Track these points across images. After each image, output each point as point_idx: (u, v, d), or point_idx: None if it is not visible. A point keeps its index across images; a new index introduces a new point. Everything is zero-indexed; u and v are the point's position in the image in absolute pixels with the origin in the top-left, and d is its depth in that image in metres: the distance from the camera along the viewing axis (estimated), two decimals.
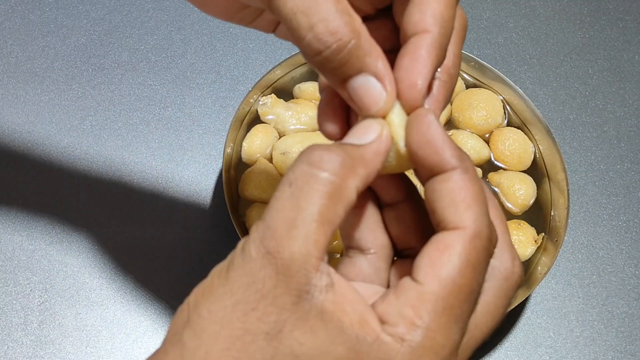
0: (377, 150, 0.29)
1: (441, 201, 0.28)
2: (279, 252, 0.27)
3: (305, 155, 0.29)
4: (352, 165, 0.28)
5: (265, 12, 0.37)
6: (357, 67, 0.29)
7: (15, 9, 0.72)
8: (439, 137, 0.29)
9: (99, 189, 0.63)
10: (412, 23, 0.30)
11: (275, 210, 0.28)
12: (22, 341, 0.56)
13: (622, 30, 0.78)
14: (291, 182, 0.28)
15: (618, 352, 0.60)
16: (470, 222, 0.28)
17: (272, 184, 0.60)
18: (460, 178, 0.28)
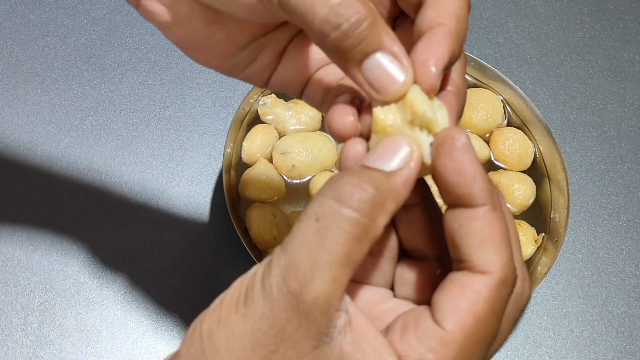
0: (407, 179, 0.28)
1: (468, 240, 0.27)
2: (302, 294, 0.26)
3: (334, 189, 0.27)
4: (382, 203, 0.27)
5: (260, 56, 0.35)
6: (374, 45, 0.28)
7: (15, 9, 0.72)
8: (471, 167, 0.27)
9: (99, 189, 0.63)
10: (426, 20, 0.30)
11: (300, 245, 0.26)
12: (22, 341, 0.56)
13: (622, 30, 0.78)
14: (318, 218, 0.26)
15: (618, 352, 0.60)
16: (498, 267, 0.27)
17: (272, 184, 0.60)
18: (490, 218, 0.27)
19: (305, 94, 0.36)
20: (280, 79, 0.36)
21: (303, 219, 0.27)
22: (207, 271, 0.60)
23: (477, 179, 0.27)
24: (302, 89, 0.36)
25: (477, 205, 0.27)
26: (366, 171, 0.27)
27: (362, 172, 0.27)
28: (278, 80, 0.36)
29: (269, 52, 0.36)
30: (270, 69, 0.36)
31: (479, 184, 0.27)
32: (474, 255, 0.27)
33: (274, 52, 0.36)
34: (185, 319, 0.58)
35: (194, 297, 0.59)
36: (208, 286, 0.60)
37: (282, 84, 0.36)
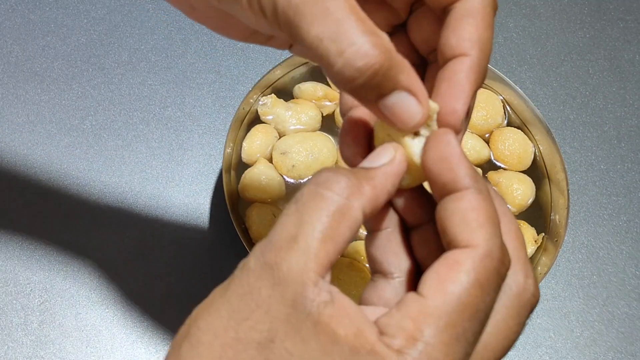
0: (387, 172, 0.29)
1: (452, 219, 0.28)
2: (277, 263, 0.27)
3: (314, 177, 0.28)
4: (357, 186, 0.28)
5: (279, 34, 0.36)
6: (390, 86, 0.29)
7: (16, 9, 0.72)
8: (455, 155, 0.29)
9: (99, 189, 0.63)
10: (449, 46, 0.30)
11: (279, 225, 0.28)
12: (22, 341, 0.56)
13: (622, 30, 0.78)
14: (297, 200, 0.28)
15: (618, 352, 0.60)
16: (481, 240, 0.27)
17: (272, 184, 0.60)
18: (474, 197, 0.28)
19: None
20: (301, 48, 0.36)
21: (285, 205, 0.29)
22: (207, 271, 0.60)
23: (461, 165, 0.28)
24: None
25: (462, 189, 0.28)
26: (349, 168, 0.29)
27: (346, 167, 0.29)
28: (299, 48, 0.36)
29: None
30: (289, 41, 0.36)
31: (463, 169, 0.28)
32: (457, 231, 0.28)
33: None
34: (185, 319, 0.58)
35: (194, 297, 0.59)
36: (208, 286, 0.59)
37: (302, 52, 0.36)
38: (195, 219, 0.63)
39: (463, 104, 0.30)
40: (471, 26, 0.30)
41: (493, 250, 0.27)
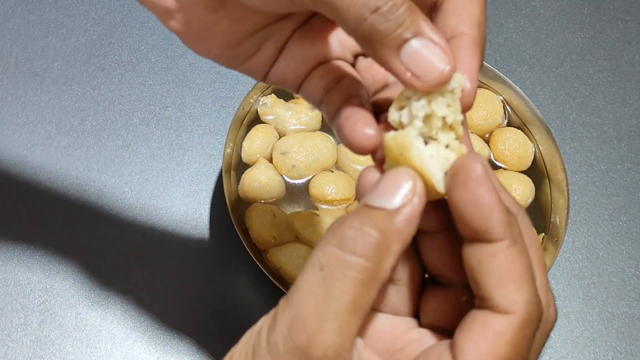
0: (411, 216, 0.26)
1: (488, 277, 0.26)
2: (309, 347, 0.25)
3: (336, 235, 0.26)
4: (386, 245, 0.26)
5: (263, 48, 0.34)
6: (413, 30, 0.26)
7: (15, 9, 0.72)
8: (488, 199, 0.26)
9: (99, 189, 0.63)
10: (449, 27, 0.29)
11: (305, 296, 0.26)
12: (22, 341, 0.56)
13: (622, 30, 0.78)
14: (322, 266, 0.25)
15: (618, 352, 0.60)
16: (520, 306, 0.26)
17: (272, 184, 0.60)
18: (510, 253, 0.26)
19: (303, 88, 0.35)
20: (280, 72, 0.35)
21: (307, 268, 0.26)
22: (207, 271, 0.60)
23: (495, 212, 0.26)
24: (300, 84, 0.35)
25: (496, 240, 0.26)
26: (368, 212, 0.26)
27: (364, 213, 0.26)
28: (277, 73, 0.35)
29: (271, 44, 0.34)
30: (271, 61, 0.35)
31: (497, 217, 0.26)
32: (495, 294, 0.26)
33: (276, 45, 0.35)
34: (185, 319, 0.58)
35: (193, 297, 0.59)
36: (208, 286, 0.60)
37: (280, 78, 0.35)
38: (195, 219, 0.63)
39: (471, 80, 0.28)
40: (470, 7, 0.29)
41: (533, 316, 0.26)
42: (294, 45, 0.35)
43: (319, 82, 0.34)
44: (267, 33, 0.34)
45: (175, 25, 0.34)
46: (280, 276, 0.57)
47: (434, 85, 0.27)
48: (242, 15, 0.33)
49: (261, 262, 0.55)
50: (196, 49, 0.35)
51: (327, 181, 0.60)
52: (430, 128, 0.28)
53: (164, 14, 0.33)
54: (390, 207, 0.26)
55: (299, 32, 0.35)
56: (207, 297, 0.59)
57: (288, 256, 0.57)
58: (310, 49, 0.34)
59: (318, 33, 0.34)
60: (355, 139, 0.29)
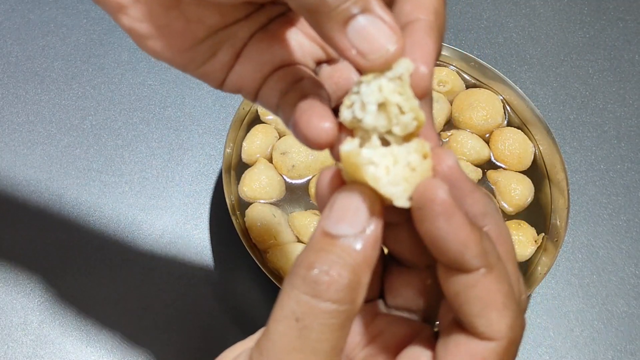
0: (375, 240, 0.25)
1: (469, 307, 0.26)
2: None
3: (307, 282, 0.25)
4: (358, 281, 0.25)
5: (219, 53, 0.33)
6: (361, 5, 0.25)
7: (15, 9, 0.72)
8: (459, 234, 0.25)
9: (99, 189, 0.63)
10: (404, 13, 0.28)
11: (283, 352, 0.25)
12: (22, 340, 0.56)
13: (622, 30, 0.78)
14: (298, 318, 0.25)
15: (618, 351, 0.60)
16: (504, 333, 0.26)
17: (272, 184, 0.60)
18: (487, 281, 0.25)
19: (260, 95, 0.34)
20: (237, 78, 0.34)
21: (280, 319, 0.25)
22: (207, 271, 0.60)
23: (468, 245, 0.25)
24: (257, 91, 0.34)
25: (472, 270, 0.25)
26: (332, 247, 0.25)
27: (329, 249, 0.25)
28: (234, 80, 0.34)
29: (228, 49, 0.33)
30: (228, 67, 0.34)
31: (471, 250, 0.25)
32: (477, 323, 0.26)
33: (233, 49, 0.33)
34: (184, 319, 0.58)
35: (193, 297, 0.59)
36: (208, 286, 0.60)
37: (237, 84, 0.34)
38: (195, 219, 0.63)
39: (428, 62, 0.27)
40: None
41: (516, 337, 0.26)
42: (251, 50, 0.33)
43: (276, 86, 0.33)
44: (224, 36, 0.33)
45: (127, 22, 0.32)
46: (280, 276, 0.57)
47: (380, 63, 0.26)
48: (197, 16, 0.32)
49: (261, 262, 0.55)
50: (149, 50, 0.33)
51: None
52: (389, 121, 0.26)
53: (116, 9, 0.32)
54: (350, 233, 0.25)
55: (256, 37, 0.33)
56: (207, 297, 0.59)
57: (288, 256, 0.57)
58: (268, 53, 0.33)
59: (276, 37, 0.33)
60: (310, 133, 0.28)
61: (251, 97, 0.34)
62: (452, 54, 0.67)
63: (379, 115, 0.26)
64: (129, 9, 0.32)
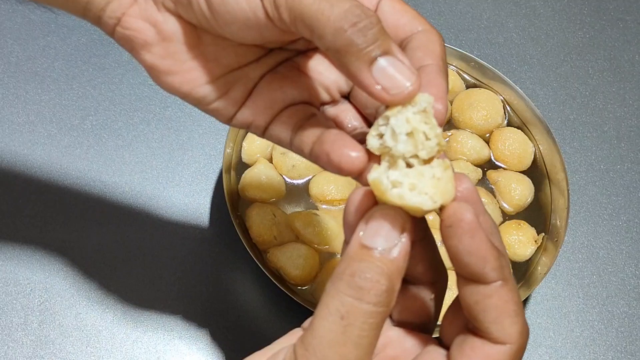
0: (405, 252, 0.29)
1: (485, 315, 0.29)
2: None
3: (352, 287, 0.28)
4: (393, 287, 0.29)
5: (231, 90, 0.36)
6: (385, 47, 0.29)
7: (16, 9, 0.72)
8: (481, 249, 0.29)
9: (99, 189, 0.63)
10: (415, 59, 0.32)
11: (328, 345, 0.28)
12: (22, 341, 0.56)
13: (622, 30, 0.78)
14: (343, 316, 0.28)
15: (618, 352, 0.60)
16: (515, 338, 0.29)
17: (272, 184, 0.60)
18: (503, 292, 0.29)
19: (270, 130, 0.37)
20: (247, 114, 0.37)
21: (326, 316, 0.28)
22: (207, 271, 0.60)
23: (488, 259, 0.29)
24: (266, 127, 0.37)
25: (490, 282, 0.29)
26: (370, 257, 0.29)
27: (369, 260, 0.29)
28: (244, 116, 0.37)
29: (240, 87, 0.36)
30: (238, 104, 0.37)
31: (491, 264, 0.29)
32: (492, 329, 0.29)
33: (245, 87, 0.36)
34: (185, 319, 0.58)
35: (193, 297, 0.59)
36: (208, 286, 0.60)
37: (247, 121, 0.37)
38: (195, 219, 0.63)
39: (443, 99, 0.31)
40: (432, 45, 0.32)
41: (524, 344, 0.30)
42: (262, 89, 0.36)
43: (288, 121, 0.36)
44: (237, 76, 0.36)
45: (150, 59, 0.35)
46: (280, 276, 0.57)
47: (402, 98, 0.29)
48: (215, 55, 0.35)
49: (261, 262, 0.55)
50: (166, 86, 0.36)
51: (327, 181, 0.60)
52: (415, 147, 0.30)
53: (142, 46, 0.35)
54: (386, 247, 0.29)
55: (266, 78, 0.37)
56: (207, 297, 0.59)
57: (288, 256, 0.57)
58: (278, 92, 0.36)
59: (287, 78, 0.37)
60: (344, 162, 0.32)
61: (259, 133, 0.37)
62: (452, 54, 0.67)
63: (408, 142, 0.30)
64: (153, 46, 0.35)
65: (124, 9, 0.34)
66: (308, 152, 0.35)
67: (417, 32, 0.33)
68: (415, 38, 0.33)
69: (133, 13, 0.34)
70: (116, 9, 0.34)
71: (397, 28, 0.33)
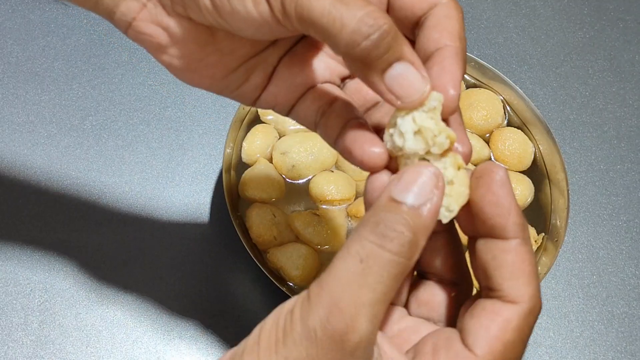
0: (434, 212, 0.29)
1: (501, 271, 0.29)
2: (347, 334, 0.27)
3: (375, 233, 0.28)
4: (417, 242, 0.28)
5: (252, 77, 0.37)
6: (397, 54, 0.30)
7: (16, 9, 0.72)
8: (507, 201, 0.29)
9: (99, 189, 0.63)
10: (433, 40, 0.32)
11: (344, 284, 0.28)
12: (22, 341, 0.56)
13: (622, 30, 0.78)
14: (362, 259, 0.28)
15: (618, 352, 0.60)
16: (527, 298, 0.29)
17: (272, 184, 0.60)
18: (522, 251, 0.29)
19: (295, 112, 0.38)
20: (270, 97, 0.37)
21: (345, 257, 0.28)
22: (207, 271, 0.60)
23: (512, 213, 0.29)
24: (290, 109, 0.38)
25: (510, 238, 0.29)
26: (398, 209, 0.29)
27: (396, 211, 0.29)
28: (267, 99, 0.38)
29: (259, 73, 0.37)
30: (261, 88, 0.37)
31: (514, 217, 0.29)
32: (505, 285, 0.29)
33: (264, 73, 0.37)
34: (185, 319, 0.58)
35: (194, 297, 0.59)
36: (208, 286, 0.60)
37: (270, 103, 0.38)
38: (195, 219, 0.63)
39: (456, 87, 0.31)
40: (450, 23, 0.32)
41: (536, 307, 0.30)
42: (282, 72, 0.37)
43: (312, 106, 0.37)
44: (255, 63, 0.36)
45: (167, 60, 0.36)
46: (280, 276, 0.57)
47: (412, 103, 0.30)
48: (230, 48, 0.35)
49: (261, 262, 0.55)
50: (187, 81, 0.37)
51: (327, 181, 0.60)
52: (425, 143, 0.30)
53: (156, 49, 0.36)
54: (417, 202, 0.29)
55: (286, 59, 0.37)
56: (207, 297, 0.59)
57: (288, 256, 0.57)
58: (300, 75, 0.37)
59: (305, 59, 0.37)
60: (366, 159, 0.32)
61: (285, 113, 0.38)
62: None
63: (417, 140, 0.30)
64: (167, 48, 0.35)
65: (134, 13, 0.34)
66: (332, 144, 0.35)
67: (435, 6, 0.32)
68: (433, 14, 0.32)
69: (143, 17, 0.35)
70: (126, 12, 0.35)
71: (414, 3, 0.32)
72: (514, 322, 0.29)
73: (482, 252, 0.30)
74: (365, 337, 0.27)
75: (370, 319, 0.27)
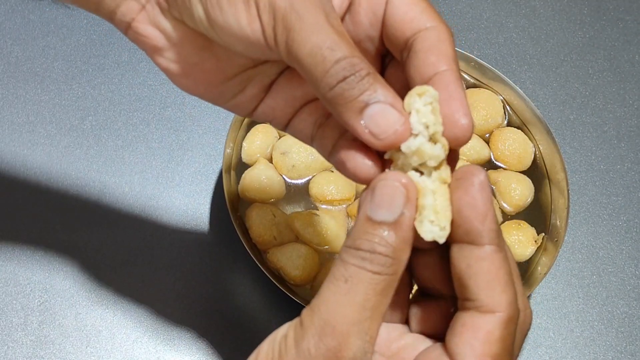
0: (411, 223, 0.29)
1: (476, 279, 0.29)
2: (340, 351, 0.28)
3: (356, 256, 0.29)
4: (399, 257, 0.29)
5: (248, 87, 0.36)
6: (373, 95, 0.30)
7: (16, 9, 0.72)
8: (484, 205, 0.29)
9: (99, 189, 0.63)
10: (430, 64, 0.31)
11: (333, 305, 0.29)
12: (22, 341, 0.56)
13: (622, 30, 0.78)
14: (346, 279, 0.29)
15: (618, 352, 0.60)
16: (505, 306, 0.29)
17: (272, 184, 0.60)
18: (497, 258, 0.29)
19: (291, 126, 0.38)
20: (267, 110, 0.37)
21: (331, 281, 0.29)
22: (207, 271, 0.60)
23: (488, 218, 0.29)
24: (288, 122, 0.38)
25: (484, 244, 0.29)
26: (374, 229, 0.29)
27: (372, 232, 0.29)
28: (264, 112, 0.37)
29: (256, 84, 0.36)
30: (257, 100, 0.37)
31: (489, 223, 0.29)
32: (482, 295, 0.29)
33: (262, 84, 0.36)
34: (185, 319, 0.58)
35: (193, 297, 0.59)
36: (208, 286, 0.60)
37: (267, 116, 0.38)
38: (195, 219, 0.63)
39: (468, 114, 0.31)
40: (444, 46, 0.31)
41: (514, 314, 0.30)
42: (282, 85, 0.37)
43: (309, 119, 0.37)
44: (252, 74, 0.36)
45: (163, 63, 0.36)
46: (280, 276, 0.57)
47: (390, 142, 0.30)
48: (227, 56, 0.35)
49: (261, 262, 0.55)
50: (182, 86, 0.37)
51: (327, 181, 0.60)
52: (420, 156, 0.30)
53: (152, 51, 0.35)
54: (391, 219, 0.29)
55: (287, 73, 0.37)
56: (207, 297, 0.59)
57: (288, 256, 0.57)
58: (299, 88, 0.36)
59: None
60: (358, 171, 0.32)
61: (281, 127, 0.38)
62: None
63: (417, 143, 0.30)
64: (164, 51, 0.35)
65: (133, 14, 0.34)
66: (327, 156, 0.35)
67: (425, 29, 0.32)
68: (423, 37, 0.32)
69: (142, 19, 0.34)
70: (126, 13, 0.35)
71: (404, 24, 0.32)
72: (496, 333, 0.29)
73: (457, 259, 0.30)
74: (359, 354, 0.28)
75: (362, 336, 0.28)
